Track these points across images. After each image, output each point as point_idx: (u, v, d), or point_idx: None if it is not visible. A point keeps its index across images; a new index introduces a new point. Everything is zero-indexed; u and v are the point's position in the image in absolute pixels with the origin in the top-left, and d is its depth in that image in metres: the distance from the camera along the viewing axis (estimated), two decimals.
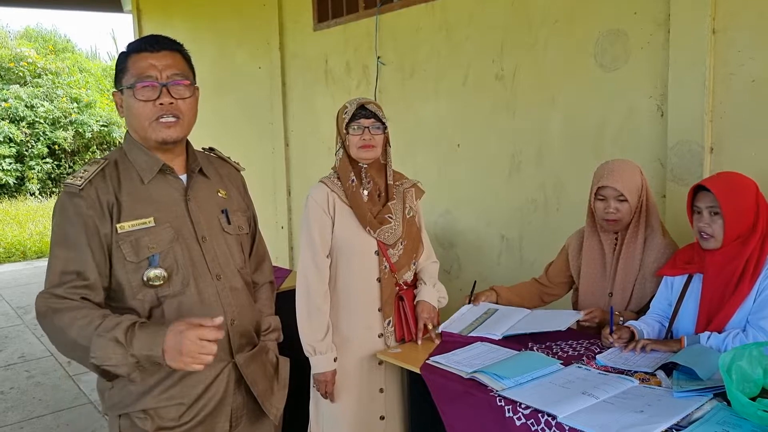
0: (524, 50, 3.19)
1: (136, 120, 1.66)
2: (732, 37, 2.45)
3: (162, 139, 1.67)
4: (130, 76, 1.64)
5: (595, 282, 2.38)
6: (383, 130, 2.28)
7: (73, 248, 1.59)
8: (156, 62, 1.64)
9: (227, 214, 1.81)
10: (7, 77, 14.08)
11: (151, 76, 1.63)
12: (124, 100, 1.67)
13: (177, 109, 1.66)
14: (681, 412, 1.61)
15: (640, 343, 2.02)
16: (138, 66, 1.64)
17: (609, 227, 2.30)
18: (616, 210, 2.25)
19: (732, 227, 1.96)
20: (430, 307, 2.36)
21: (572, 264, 2.48)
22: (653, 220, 2.30)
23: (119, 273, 1.63)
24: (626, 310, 2.29)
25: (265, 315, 1.95)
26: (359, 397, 2.35)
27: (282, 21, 4.85)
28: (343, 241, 2.30)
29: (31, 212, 11.76)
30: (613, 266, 2.33)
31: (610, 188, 2.24)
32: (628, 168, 2.28)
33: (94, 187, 1.62)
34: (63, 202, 1.63)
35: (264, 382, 1.83)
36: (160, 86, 1.63)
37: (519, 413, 1.73)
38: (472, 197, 3.56)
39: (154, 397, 1.66)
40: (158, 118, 1.64)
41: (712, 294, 2.02)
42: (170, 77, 1.65)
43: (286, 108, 4.97)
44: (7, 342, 5.44)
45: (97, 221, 1.60)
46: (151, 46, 1.66)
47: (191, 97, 1.70)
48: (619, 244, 2.32)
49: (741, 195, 1.97)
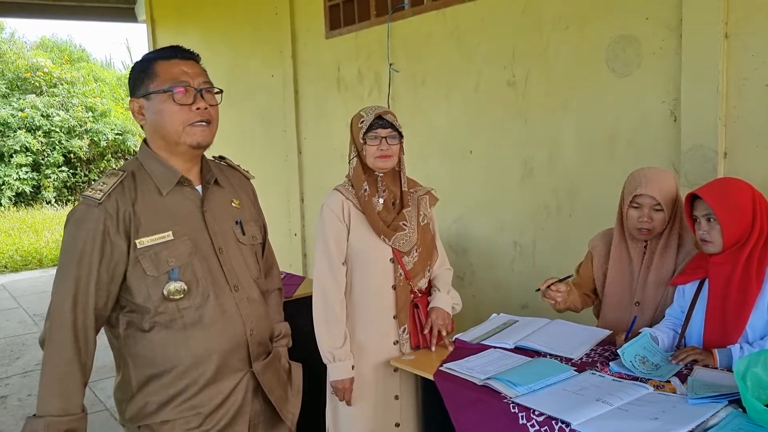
0: (536, 56, 3.19)
1: (170, 124, 1.66)
2: (745, 41, 2.44)
3: (197, 143, 1.68)
4: (162, 81, 1.65)
5: (623, 292, 2.34)
6: (399, 139, 2.30)
7: (86, 266, 1.59)
8: (188, 69, 1.68)
9: (241, 225, 1.83)
10: (24, 87, 14.28)
11: (186, 82, 1.66)
12: (152, 106, 1.67)
13: (209, 115, 1.69)
14: (696, 419, 1.59)
15: (682, 355, 1.99)
16: (171, 72, 1.66)
17: (641, 237, 2.26)
18: (651, 219, 2.20)
19: (729, 231, 1.97)
20: (444, 313, 2.36)
21: (596, 268, 2.44)
22: (684, 229, 2.25)
23: (139, 287, 1.64)
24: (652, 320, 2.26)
25: (276, 321, 1.97)
26: (375, 403, 2.36)
27: (294, 29, 4.88)
28: (359, 248, 2.31)
29: (47, 220, 11.89)
30: (642, 276, 2.29)
31: (647, 197, 2.19)
32: (665, 176, 2.23)
33: (114, 199, 1.63)
34: (81, 214, 1.62)
35: (279, 389, 1.85)
36: (196, 91, 1.66)
37: (533, 420, 1.72)
38: (485, 203, 3.56)
39: (174, 408, 1.68)
40: (193, 123, 1.67)
41: (718, 297, 2.02)
42: (202, 84, 1.69)
43: (298, 115, 5.00)
44: (24, 349, 5.49)
45: (113, 234, 1.61)
46: (181, 54, 1.70)
47: (217, 104, 1.74)
48: (649, 253, 2.28)
49: (734, 198, 1.99)
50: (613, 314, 2.36)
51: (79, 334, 1.60)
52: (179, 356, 1.67)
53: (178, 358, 1.67)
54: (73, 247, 1.60)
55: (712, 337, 2.03)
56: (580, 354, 2.12)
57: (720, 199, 1.98)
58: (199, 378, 1.69)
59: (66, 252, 1.62)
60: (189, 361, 1.68)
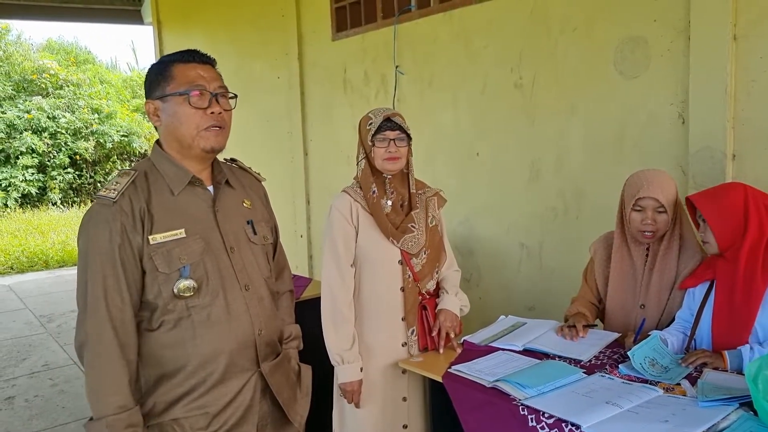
0: (543, 58, 3.19)
1: (185, 126, 1.67)
2: (754, 43, 2.43)
3: (210, 147, 1.69)
4: (179, 84, 1.66)
5: (626, 295, 2.34)
6: (408, 141, 2.30)
7: (111, 265, 1.60)
8: (204, 73, 1.68)
9: (253, 225, 1.83)
10: (30, 89, 14.33)
11: (202, 86, 1.66)
12: (168, 108, 1.67)
13: (223, 119, 1.70)
14: (707, 422, 1.59)
15: (692, 358, 1.99)
16: (188, 75, 1.66)
17: (645, 240, 2.25)
18: (654, 222, 2.19)
19: (719, 231, 2.03)
20: (452, 315, 2.36)
21: (597, 272, 2.44)
22: (686, 231, 2.26)
23: (150, 284, 1.65)
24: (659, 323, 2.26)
25: (287, 323, 1.97)
26: (383, 405, 2.36)
27: (301, 31, 4.89)
28: (367, 250, 2.31)
29: (53, 222, 11.93)
30: (646, 278, 2.29)
31: (650, 199, 2.18)
32: (665, 178, 2.23)
33: (128, 197, 1.63)
34: (97, 214, 1.63)
35: (288, 390, 1.85)
36: (211, 96, 1.67)
37: (542, 423, 1.72)
38: (492, 205, 3.56)
39: (182, 407, 1.68)
40: (208, 127, 1.67)
41: (725, 297, 2.04)
42: (217, 89, 1.69)
43: (304, 117, 5.00)
44: (31, 350, 5.51)
45: (129, 232, 1.61)
46: (199, 58, 1.70)
47: (231, 109, 1.75)
48: (652, 256, 2.28)
49: (722, 199, 2.05)
50: (618, 318, 2.35)
51: (119, 331, 1.60)
52: (187, 355, 1.67)
53: (186, 358, 1.67)
54: (96, 247, 1.60)
55: (721, 336, 2.04)
56: (589, 356, 2.12)
57: (707, 201, 2.07)
58: (207, 377, 1.69)
59: (88, 253, 1.62)
60: (197, 361, 1.68)
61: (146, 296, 1.66)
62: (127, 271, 1.61)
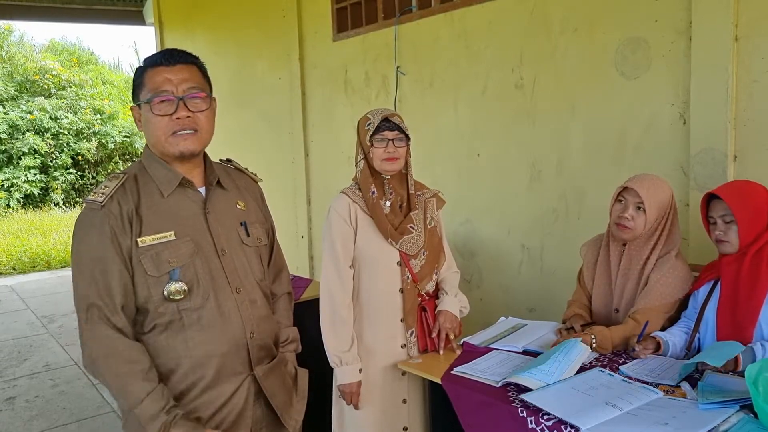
0: (544, 59, 3.18)
1: (153, 134, 1.67)
2: (755, 44, 2.42)
3: (179, 152, 1.67)
4: (147, 91, 1.65)
5: (605, 296, 2.34)
6: (406, 142, 2.29)
7: (100, 269, 1.60)
8: (172, 76, 1.64)
9: (246, 227, 1.82)
10: (33, 90, 14.36)
11: (167, 91, 1.63)
12: (142, 115, 1.67)
13: (194, 122, 1.67)
14: (707, 424, 1.58)
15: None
16: (154, 81, 1.64)
17: (618, 233, 2.24)
18: (631, 217, 2.19)
19: (746, 232, 2.01)
20: (452, 317, 2.35)
21: (586, 276, 2.44)
22: (671, 245, 2.22)
23: (140, 287, 1.64)
24: None
25: (284, 326, 1.94)
26: (383, 407, 2.35)
27: (302, 32, 4.89)
28: (366, 252, 2.30)
29: (55, 222, 11.95)
30: (620, 282, 2.28)
31: (632, 191, 2.19)
32: (657, 182, 2.22)
33: (116, 201, 1.63)
34: (86, 218, 1.63)
35: (283, 394, 1.83)
36: (177, 100, 1.64)
37: (542, 424, 1.71)
38: (492, 206, 3.55)
39: None
40: (175, 132, 1.65)
41: (729, 293, 2.04)
42: (186, 90, 1.65)
43: (305, 118, 5.00)
44: (32, 351, 5.51)
45: (119, 235, 1.61)
46: (167, 60, 1.66)
47: (208, 109, 1.70)
48: (626, 258, 2.27)
49: (752, 199, 2.03)
50: (601, 321, 2.33)
51: (121, 331, 1.61)
52: (178, 358, 1.67)
53: (177, 361, 1.67)
54: (85, 250, 1.61)
55: (725, 333, 2.03)
56: (590, 358, 2.11)
57: (738, 200, 2.01)
58: (198, 381, 1.69)
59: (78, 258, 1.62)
60: (188, 364, 1.67)
61: (137, 299, 1.65)
62: (118, 273, 1.61)
